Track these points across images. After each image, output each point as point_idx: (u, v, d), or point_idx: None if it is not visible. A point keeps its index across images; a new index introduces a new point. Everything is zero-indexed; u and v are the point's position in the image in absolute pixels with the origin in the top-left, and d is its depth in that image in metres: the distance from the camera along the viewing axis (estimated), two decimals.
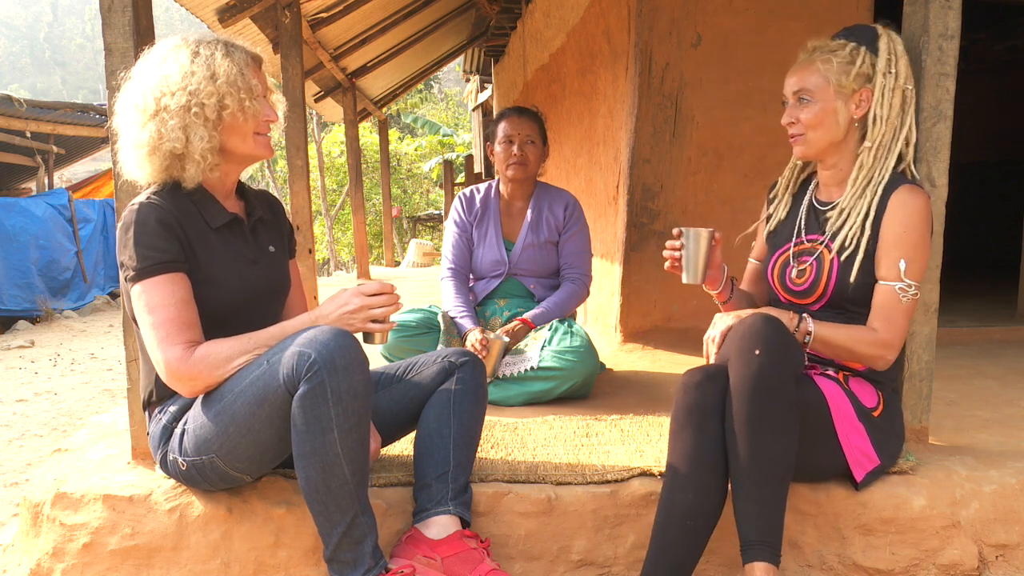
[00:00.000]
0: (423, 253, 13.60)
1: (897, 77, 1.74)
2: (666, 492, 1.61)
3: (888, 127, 1.75)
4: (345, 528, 1.52)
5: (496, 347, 2.54)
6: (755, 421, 1.55)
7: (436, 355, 1.84)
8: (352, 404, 1.48)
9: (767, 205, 2.03)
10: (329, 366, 1.45)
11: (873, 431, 1.74)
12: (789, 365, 1.59)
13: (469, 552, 1.64)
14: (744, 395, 1.56)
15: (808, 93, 1.76)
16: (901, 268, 1.69)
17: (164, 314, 1.54)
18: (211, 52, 1.60)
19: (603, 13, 3.88)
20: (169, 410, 1.66)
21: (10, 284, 8.44)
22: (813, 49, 1.79)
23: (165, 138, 1.56)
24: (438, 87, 30.23)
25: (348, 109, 8.52)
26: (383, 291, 1.60)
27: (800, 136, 1.79)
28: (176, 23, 61.65)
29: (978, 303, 4.56)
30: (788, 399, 1.57)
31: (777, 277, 1.89)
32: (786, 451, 1.56)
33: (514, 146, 2.78)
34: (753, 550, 1.52)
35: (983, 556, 1.82)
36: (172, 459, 1.65)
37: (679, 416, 1.65)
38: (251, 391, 1.52)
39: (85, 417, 4.30)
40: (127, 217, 1.58)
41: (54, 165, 11.02)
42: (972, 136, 6.72)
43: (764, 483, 1.54)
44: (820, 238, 1.82)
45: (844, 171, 1.82)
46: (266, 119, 1.67)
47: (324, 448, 1.48)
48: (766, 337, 1.57)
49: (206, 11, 4.40)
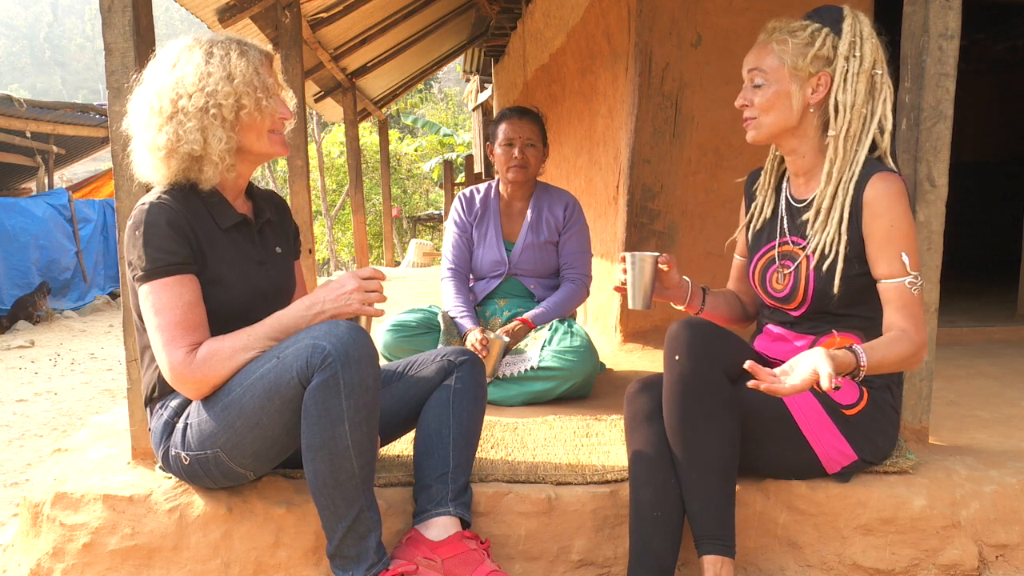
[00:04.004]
0: (423, 253, 13.60)
1: (862, 61, 1.62)
2: (632, 491, 1.69)
3: (855, 116, 1.64)
4: (350, 522, 1.53)
5: (496, 347, 2.54)
6: (683, 423, 1.62)
7: (435, 354, 1.84)
8: (363, 397, 1.50)
9: (746, 200, 1.97)
10: (343, 358, 1.47)
11: (847, 428, 1.70)
12: (713, 366, 1.62)
13: (469, 553, 1.64)
14: (669, 399, 1.64)
15: (762, 75, 1.67)
16: (906, 262, 1.61)
17: (170, 317, 1.54)
18: (226, 52, 1.60)
19: (603, 13, 3.88)
20: (170, 405, 1.66)
21: (10, 284, 8.45)
22: (772, 29, 1.69)
23: (183, 140, 1.56)
24: (438, 87, 30.23)
25: (348, 109, 8.52)
26: (375, 276, 1.62)
27: (752, 120, 1.71)
28: (176, 23, 61.66)
29: (978, 303, 4.56)
30: (714, 399, 1.61)
31: (758, 279, 1.85)
32: (720, 448, 1.61)
33: (515, 149, 2.78)
34: (704, 544, 1.60)
35: (983, 556, 1.82)
36: (174, 454, 1.65)
37: (627, 423, 1.76)
38: (261, 385, 1.52)
39: (85, 417, 4.30)
40: (137, 216, 1.57)
41: (54, 165, 11.02)
42: (972, 136, 6.72)
43: (703, 481, 1.61)
44: (801, 242, 1.76)
45: (808, 159, 1.74)
46: (281, 117, 1.68)
47: (334, 440, 1.49)
48: (685, 342, 1.61)
49: (206, 11, 4.40)
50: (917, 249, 1.66)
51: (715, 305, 1.92)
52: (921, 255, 1.91)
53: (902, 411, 1.97)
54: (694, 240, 3.41)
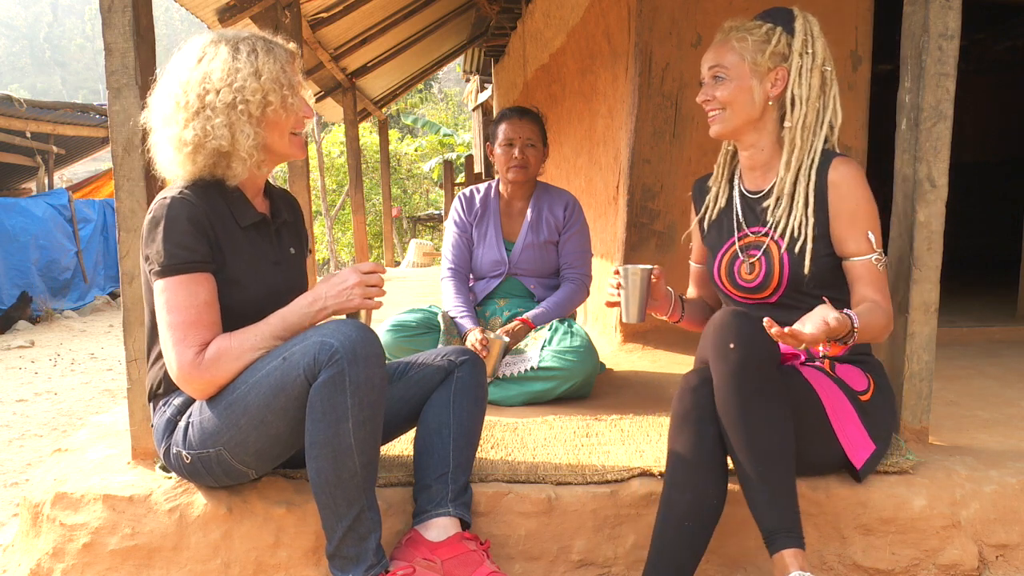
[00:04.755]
0: (423, 253, 13.59)
1: (814, 58, 1.74)
2: (665, 494, 1.62)
3: (810, 108, 1.75)
4: (351, 522, 1.52)
5: (496, 347, 2.54)
6: (745, 415, 1.56)
7: (436, 353, 1.84)
8: (368, 396, 1.50)
9: (695, 205, 2.03)
10: (350, 355, 1.47)
11: (864, 416, 1.73)
12: (765, 353, 1.59)
13: (469, 554, 1.64)
14: (727, 391, 1.57)
15: (723, 70, 1.76)
16: (872, 240, 1.71)
17: (183, 316, 1.53)
18: (252, 48, 1.60)
19: (603, 13, 3.88)
20: (173, 403, 1.65)
21: (10, 284, 8.45)
22: (729, 29, 1.79)
23: (211, 136, 1.56)
24: (438, 87, 30.23)
25: (348, 109, 8.52)
26: (376, 270, 1.63)
27: (718, 113, 1.80)
28: (176, 23, 61.68)
29: (978, 303, 4.56)
30: (771, 387, 1.58)
31: (725, 275, 1.87)
32: (782, 437, 1.56)
33: (515, 149, 2.78)
34: (777, 539, 1.52)
35: (983, 556, 1.82)
36: (176, 452, 1.64)
37: (676, 420, 1.67)
38: (267, 382, 1.52)
39: (85, 417, 4.30)
40: (157, 211, 1.56)
41: (54, 165, 11.03)
42: (972, 136, 6.72)
43: (768, 474, 1.54)
44: (763, 229, 1.82)
45: (765, 152, 1.82)
46: (304, 115, 1.68)
47: (338, 437, 1.49)
48: (737, 330, 1.58)
49: (206, 11, 4.40)
50: (879, 228, 1.74)
51: (692, 313, 1.99)
52: (921, 255, 1.91)
53: (902, 411, 1.98)
54: None
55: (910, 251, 1.92)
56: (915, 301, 1.92)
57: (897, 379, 1.96)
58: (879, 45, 3.42)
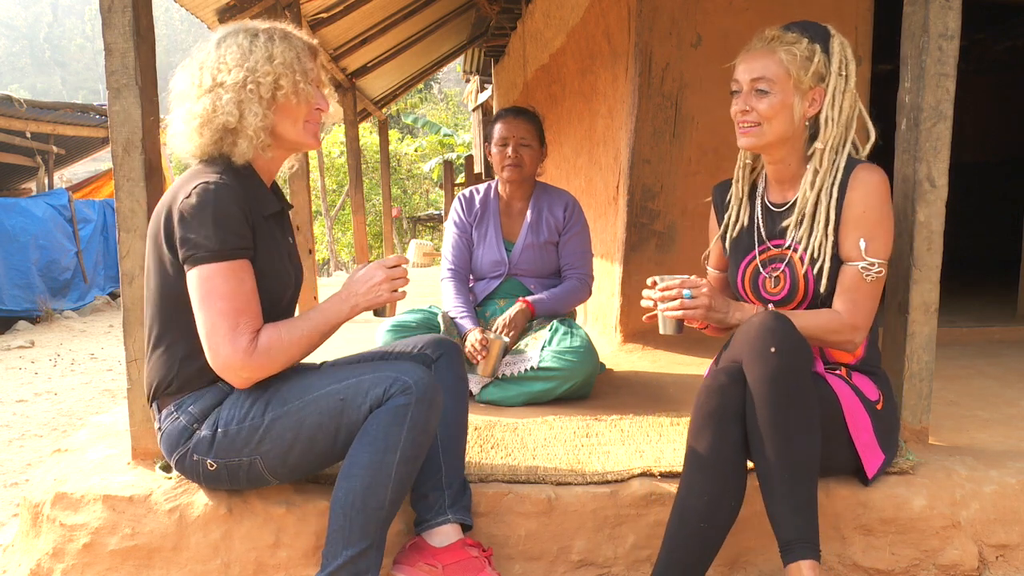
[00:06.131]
0: (423, 253, 13.60)
1: (847, 80, 1.72)
2: (682, 492, 1.60)
3: (839, 129, 1.73)
4: (355, 554, 1.51)
5: (496, 347, 2.54)
6: (780, 421, 1.52)
7: (412, 344, 1.82)
8: (421, 437, 1.53)
9: (716, 211, 2.00)
10: (420, 395, 1.52)
11: (877, 424, 1.73)
12: (805, 361, 1.57)
13: (471, 560, 1.65)
14: (765, 396, 1.53)
15: (768, 83, 1.71)
16: (861, 247, 1.69)
17: (233, 303, 1.51)
18: (270, 36, 1.62)
19: (603, 13, 3.88)
20: (189, 411, 1.61)
21: (10, 284, 8.44)
22: (772, 38, 1.73)
23: (219, 111, 1.57)
24: (438, 87, 30.23)
25: (348, 109, 8.51)
26: (400, 262, 1.66)
27: (754, 127, 1.74)
28: (176, 23, 61.70)
29: (978, 303, 4.56)
30: (809, 396, 1.56)
31: (750, 288, 1.86)
32: (813, 447, 1.55)
33: (509, 148, 2.79)
34: (794, 550, 1.50)
35: (983, 556, 1.82)
36: (196, 459, 1.61)
37: (699, 419, 1.61)
38: (327, 404, 1.54)
39: (85, 417, 4.30)
40: (203, 196, 1.52)
41: (54, 165, 11.01)
42: (972, 136, 6.72)
43: (796, 483, 1.52)
44: (784, 242, 1.80)
45: (792, 167, 1.79)
46: (317, 107, 1.68)
47: (381, 465, 1.51)
48: (782, 334, 1.55)
49: (206, 11, 4.40)
50: (888, 240, 1.71)
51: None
52: (921, 255, 1.91)
53: (902, 411, 1.98)
54: (694, 240, 3.41)
55: (910, 251, 1.92)
56: (915, 301, 1.92)
57: (897, 379, 1.96)
58: (879, 45, 3.42)
